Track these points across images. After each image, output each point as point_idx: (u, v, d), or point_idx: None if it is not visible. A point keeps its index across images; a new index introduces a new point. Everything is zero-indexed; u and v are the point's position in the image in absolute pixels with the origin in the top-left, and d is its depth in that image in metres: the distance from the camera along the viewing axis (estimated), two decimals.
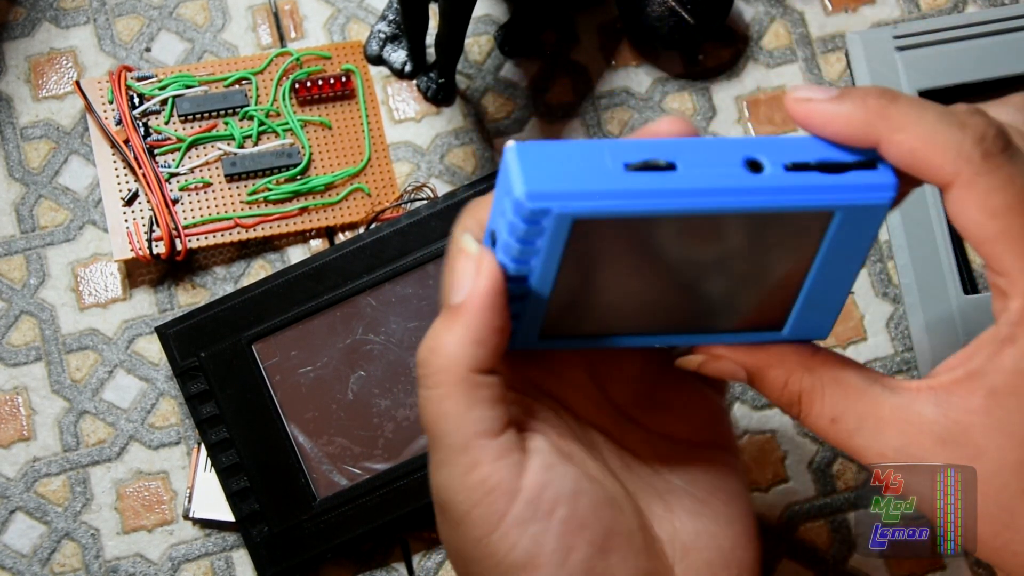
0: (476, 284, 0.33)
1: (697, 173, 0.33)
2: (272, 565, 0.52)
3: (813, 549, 0.54)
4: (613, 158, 0.33)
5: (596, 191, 0.33)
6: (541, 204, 0.32)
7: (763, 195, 0.33)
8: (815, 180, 0.33)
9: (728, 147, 0.34)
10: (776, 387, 0.36)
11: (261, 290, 0.53)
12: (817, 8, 0.60)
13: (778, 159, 0.34)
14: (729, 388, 0.44)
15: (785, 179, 0.33)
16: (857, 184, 0.34)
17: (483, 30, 0.59)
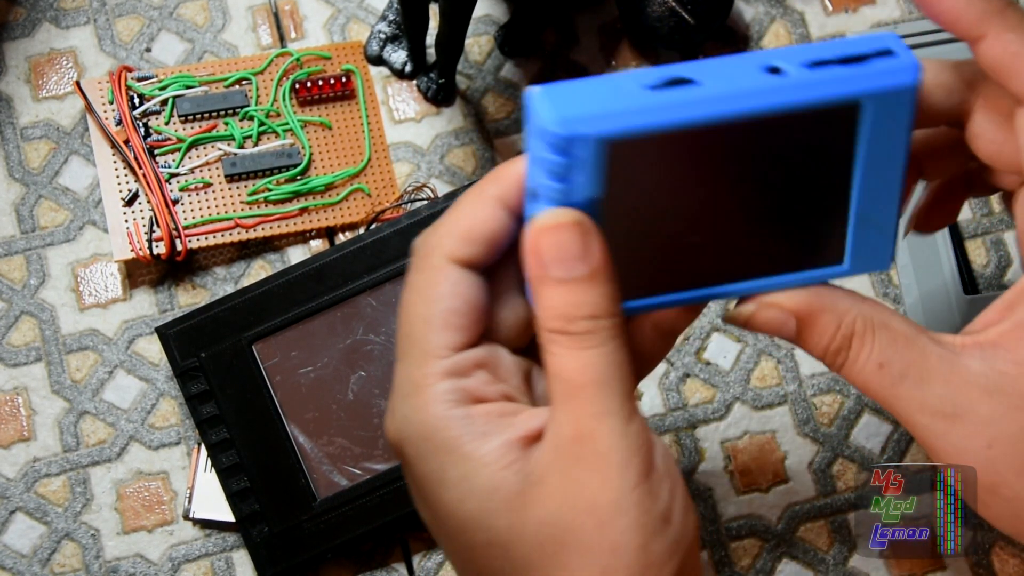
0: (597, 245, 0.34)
1: (719, 83, 0.34)
2: (272, 565, 0.52)
3: (813, 549, 0.54)
4: (635, 83, 0.34)
5: (624, 110, 0.33)
6: (573, 130, 0.33)
7: (787, 92, 0.33)
8: (837, 73, 0.34)
9: (748, 59, 0.34)
10: (826, 333, 0.36)
11: (261, 290, 0.53)
12: (817, 8, 0.60)
13: (798, 61, 0.34)
14: None
15: (807, 75, 0.34)
16: (880, 70, 0.34)
17: (483, 30, 0.59)
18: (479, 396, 0.36)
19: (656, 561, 0.34)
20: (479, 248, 0.36)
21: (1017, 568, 0.54)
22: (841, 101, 0.34)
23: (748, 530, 0.54)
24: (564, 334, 0.35)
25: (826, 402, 0.56)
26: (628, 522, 0.34)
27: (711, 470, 0.55)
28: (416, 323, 0.36)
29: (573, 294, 0.34)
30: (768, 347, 0.56)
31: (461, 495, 0.35)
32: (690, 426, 0.55)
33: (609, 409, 0.34)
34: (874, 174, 0.35)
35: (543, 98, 0.33)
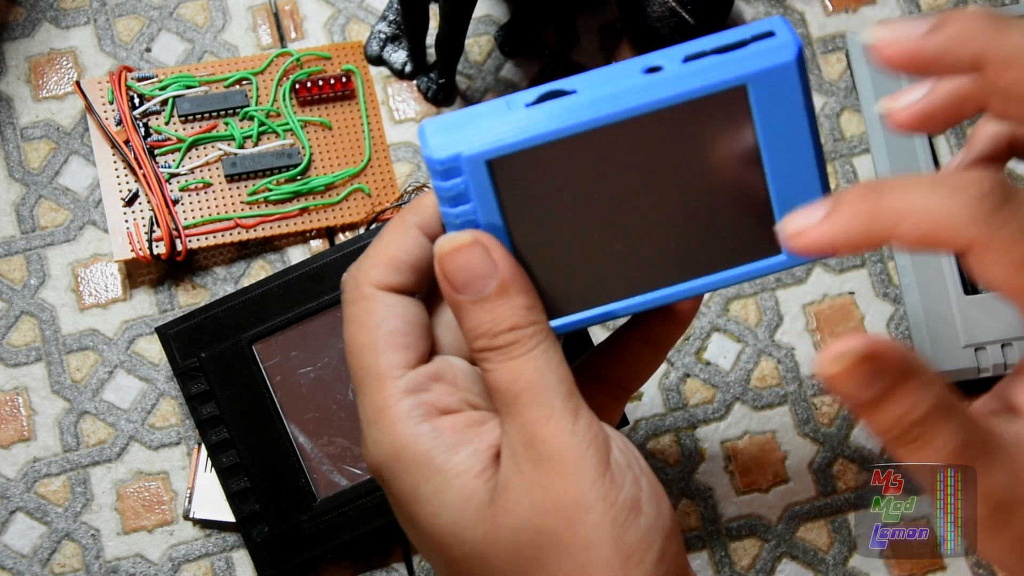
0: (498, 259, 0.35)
1: (597, 89, 0.34)
2: (272, 565, 0.52)
3: (813, 549, 0.54)
4: (516, 102, 0.34)
5: (500, 130, 0.34)
6: (449, 152, 0.34)
7: (663, 87, 0.33)
8: (714, 62, 0.34)
9: (627, 64, 0.34)
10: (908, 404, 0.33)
11: (261, 290, 0.54)
12: (817, 8, 0.60)
13: (676, 57, 0.34)
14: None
15: (684, 69, 0.34)
16: (756, 53, 0.34)
17: (483, 30, 0.59)
18: (443, 408, 0.36)
19: (633, 551, 0.34)
20: (405, 275, 0.37)
21: None
22: (721, 88, 0.34)
23: (748, 530, 0.54)
24: (491, 349, 0.35)
25: (826, 402, 0.56)
26: (596, 517, 0.34)
27: (711, 470, 0.55)
28: (363, 352, 0.37)
29: (489, 311, 0.35)
30: (768, 347, 0.56)
31: (435, 509, 0.36)
32: (690, 426, 0.55)
33: (551, 411, 0.34)
34: (783, 155, 0.35)
35: (427, 128, 0.35)
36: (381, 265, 0.37)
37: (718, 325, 0.56)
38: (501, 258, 0.35)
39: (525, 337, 0.35)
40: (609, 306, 0.37)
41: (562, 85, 0.34)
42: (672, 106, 0.34)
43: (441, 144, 0.34)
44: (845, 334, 0.56)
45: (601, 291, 0.37)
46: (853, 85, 0.59)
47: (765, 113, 0.34)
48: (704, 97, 0.34)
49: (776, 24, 0.34)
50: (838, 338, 0.36)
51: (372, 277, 0.37)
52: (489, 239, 0.35)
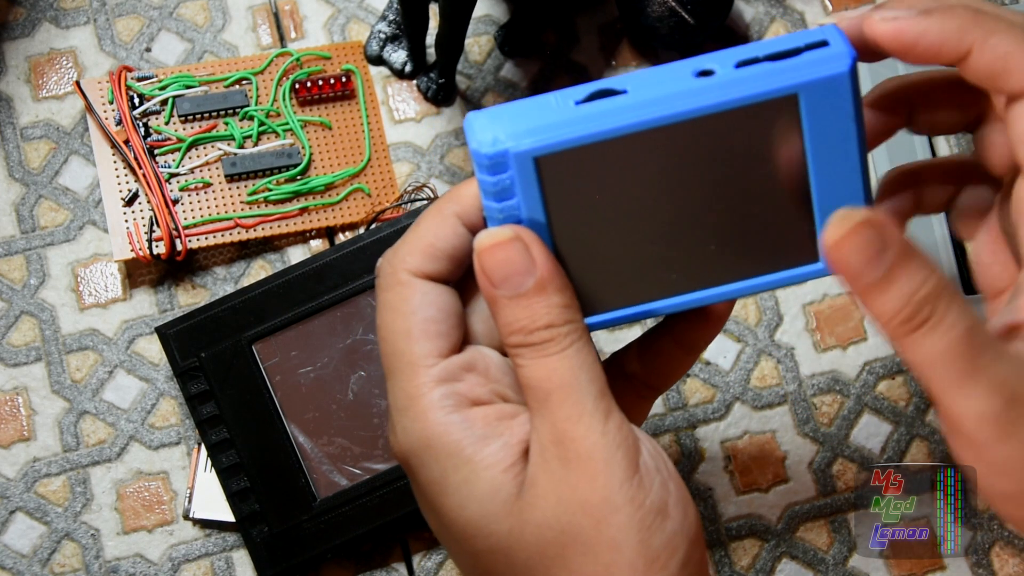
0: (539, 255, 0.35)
1: (648, 90, 0.34)
2: (272, 565, 0.52)
3: (813, 549, 0.54)
4: (564, 99, 0.34)
5: (549, 125, 0.34)
6: (498, 148, 0.34)
7: (716, 92, 0.33)
8: (767, 68, 0.33)
9: (678, 66, 0.34)
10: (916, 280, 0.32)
11: (261, 290, 0.53)
12: (817, 8, 0.60)
13: (728, 62, 0.34)
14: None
15: (736, 75, 0.33)
16: (810, 62, 0.33)
17: (483, 30, 0.59)
18: (475, 399, 0.36)
19: (658, 555, 0.34)
20: (442, 264, 0.37)
21: (1017, 568, 0.54)
22: (773, 96, 0.33)
23: (748, 530, 0.54)
24: (525, 346, 0.35)
25: (826, 402, 0.56)
26: (623, 518, 0.34)
27: (711, 470, 0.55)
28: (397, 339, 0.37)
29: (526, 308, 0.35)
30: (768, 347, 0.56)
31: (462, 500, 0.35)
32: (690, 426, 0.55)
33: (582, 410, 0.34)
34: (829, 164, 0.35)
35: (475, 121, 0.34)
36: (418, 252, 0.37)
37: None
38: (540, 255, 0.35)
39: (560, 335, 0.35)
40: (644, 306, 0.37)
41: (612, 84, 0.34)
42: (723, 112, 0.33)
43: (489, 138, 0.34)
44: (844, 333, 0.56)
45: (638, 290, 0.37)
46: None
47: (815, 122, 0.34)
48: (755, 104, 0.33)
49: (830, 33, 0.34)
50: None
51: (409, 264, 0.37)
52: (530, 235, 0.35)
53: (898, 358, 0.56)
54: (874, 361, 0.56)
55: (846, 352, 0.56)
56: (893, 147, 0.57)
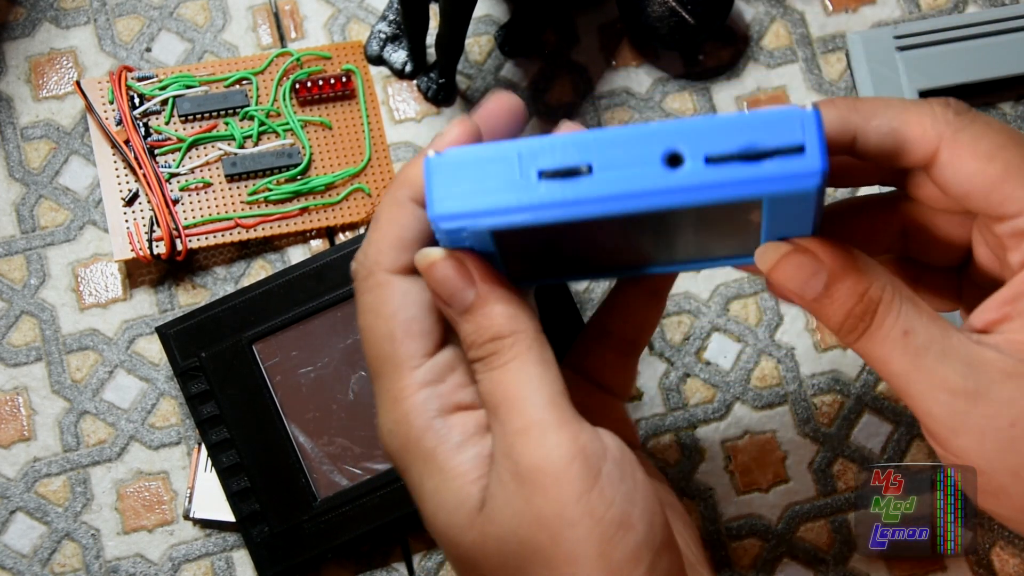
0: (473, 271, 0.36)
1: (614, 176, 0.32)
2: (272, 565, 0.52)
3: (813, 549, 0.54)
4: (526, 165, 0.33)
5: (508, 206, 0.33)
6: (455, 224, 0.34)
7: (683, 193, 0.32)
8: (736, 172, 0.32)
9: (647, 139, 0.33)
10: (854, 295, 0.35)
11: (261, 290, 0.53)
12: (817, 8, 0.60)
13: (699, 149, 0.32)
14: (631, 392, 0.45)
15: (705, 174, 0.32)
16: (780, 174, 0.32)
17: (483, 30, 0.59)
18: (458, 403, 0.36)
19: (620, 568, 0.33)
20: (413, 252, 0.36)
21: (1017, 568, 0.54)
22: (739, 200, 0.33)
23: (748, 530, 0.54)
24: (478, 360, 0.35)
25: (826, 402, 0.56)
26: (581, 532, 0.33)
27: (711, 470, 0.55)
28: (381, 342, 0.37)
29: (471, 322, 0.35)
30: (768, 347, 0.56)
31: (435, 507, 0.36)
32: (690, 426, 0.55)
33: (529, 423, 0.34)
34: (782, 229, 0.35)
35: (431, 176, 0.33)
36: (387, 248, 0.36)
37: (718, 325, 0.56)
38: (477, 269, 0.35)
39: (506, 347, 0.34)
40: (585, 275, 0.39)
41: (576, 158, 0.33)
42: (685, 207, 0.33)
43: (447, 208, 0.33)
44: None
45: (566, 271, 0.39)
46: (853, 85, 0.59)
47: (774, 215, 0.34)
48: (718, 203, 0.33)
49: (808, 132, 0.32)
50: None
51: (382, 262, 0.36)
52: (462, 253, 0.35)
53: None
54: None
55: (846, 352, 0.56)
56: None
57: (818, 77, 0.59)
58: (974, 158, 0.34)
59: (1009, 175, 0.34)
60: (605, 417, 0.41)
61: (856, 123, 0.35)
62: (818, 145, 0.32)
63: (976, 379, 0.34)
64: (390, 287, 0.36)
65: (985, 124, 0.34)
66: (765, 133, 0.32)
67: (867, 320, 0.35)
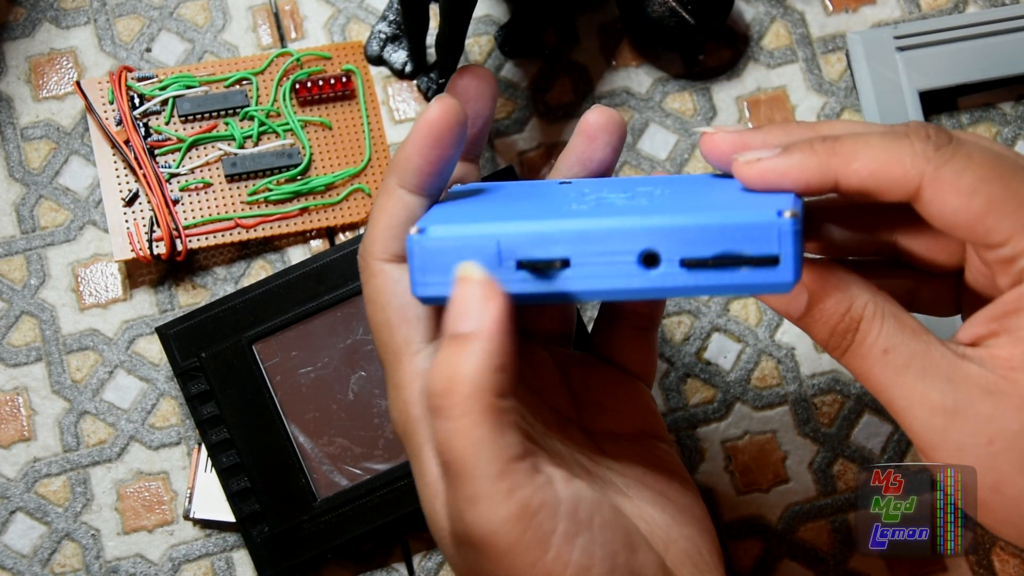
0: (489, 310, 0.33)
1: (590, 272, 0.34)
2: (272, 565, 0.52)
3: (813, 549, 0.54)
4: (506, 255, 0.34)
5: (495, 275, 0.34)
6: (434, 297, 0.35)
7: (656, 292, 0.34)
8: (710, 276, 0.33)
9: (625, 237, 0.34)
10: (836, 313, 0.35)
11: (261, 290, 0.53)
12: (817, 8, 0.60)
13: (675, 252, 0.33)
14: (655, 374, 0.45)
15: (679, 276, 0.33)
16: (753, 281, 0.33)
17: (483, 30, 0.59)
18: None
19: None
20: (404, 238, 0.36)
21: (1017, 568, 0.54)
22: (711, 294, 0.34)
23: (748, 530, 0.54)
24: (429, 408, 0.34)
25: (826, 402, 0.56)
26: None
27: (711, 470, 0.55)
28: (381, 331, 0.37)
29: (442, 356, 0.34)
30: (768, 347, 0.56)
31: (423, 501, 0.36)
32: (690, 426, 0.55)
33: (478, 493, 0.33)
34: None
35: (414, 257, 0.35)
36: (379, 237, 0.37)
37: (718, 325, 0.56)
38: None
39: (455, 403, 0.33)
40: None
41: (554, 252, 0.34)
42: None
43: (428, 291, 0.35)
44: None
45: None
46: (853, 85, 0.59)
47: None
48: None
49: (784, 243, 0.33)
50: None
51: (375, 252, 0.37)
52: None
53: None
54: None
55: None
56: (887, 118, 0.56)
57: (818, 77, 0.59)
58: (956, 194, 0.34)
59: (992, 208, 0.34)
60: (630, 405, 0.41)
61: (836, 167, 0.35)
62: (792, 257, 0.33)
63: (956, 396, 0.34)
64: (383, 275, 0.37)
65: (967, 157, 0.34)
66: (742, 241, 0.33)
67: (849, 337, 0.36)
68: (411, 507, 0.52)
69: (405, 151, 0.36)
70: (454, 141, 0.37)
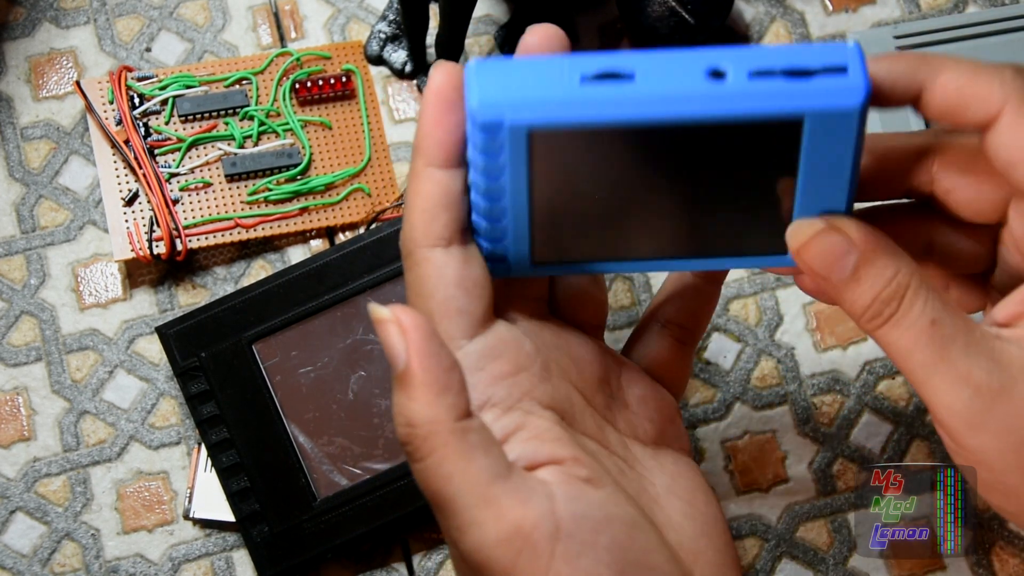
0: (408, 344, 0.32)
1: (657, 82, 0.33)
2: (272, 565, 0.52)
3: (813, 549, 0.54)
4: (571, 70, 0.33)
5: (551, 101, 0.33)
6: (494, 115, 0.33)
7: (724, 102, 0.32)
8: (780, 86, 0.32)
9: (693, 58, 0.33)
10: (882, 278, 0.34)
11: (261, 290, 0.54)
12: (817, 8, 0.60)
13: (743, 67, 0.33)
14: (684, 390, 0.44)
15: (748, 86, 0.32)
16: (824, 88, 0.32)
17: (483, 30, 0.59)
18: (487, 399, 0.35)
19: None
20: (441, 220, 0.35)
21: (1017, 568, 0.54)
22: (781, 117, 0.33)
23: (748, 530, 0.54)
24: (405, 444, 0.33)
25: (826, 402, 0.56)
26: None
27: (711, 470, 0.55)
28: None
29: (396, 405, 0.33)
30: (768, 347, 0.56)
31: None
32: (690, 426, 0.55)
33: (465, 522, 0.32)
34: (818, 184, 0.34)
35: (475, 75, 0.33)
36: (418, 222, 0.35)
37: (718, 325, 0.56)
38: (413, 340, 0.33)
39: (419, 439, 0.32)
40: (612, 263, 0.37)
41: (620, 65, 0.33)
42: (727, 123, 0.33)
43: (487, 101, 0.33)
44: (844, 333, 0.56)
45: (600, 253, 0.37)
46: None
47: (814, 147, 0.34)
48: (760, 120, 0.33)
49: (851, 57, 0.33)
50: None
51: (417, 239, 0.35)
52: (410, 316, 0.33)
53: None
54: (874, 361, 0.56)
55: (846, 352, 0.56)
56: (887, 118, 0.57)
57: None
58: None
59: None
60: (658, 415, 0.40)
61: (925, 75, 0.34)
62: (861, 68, 0.32)
63: (1000, 375, 0.33)
64: (427, 264, 0.35)
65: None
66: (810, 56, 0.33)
67: (894, 306, 0.34)
68: (411, 507, 0.52)
69: (422, 129, 0.35)
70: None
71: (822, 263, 0.34)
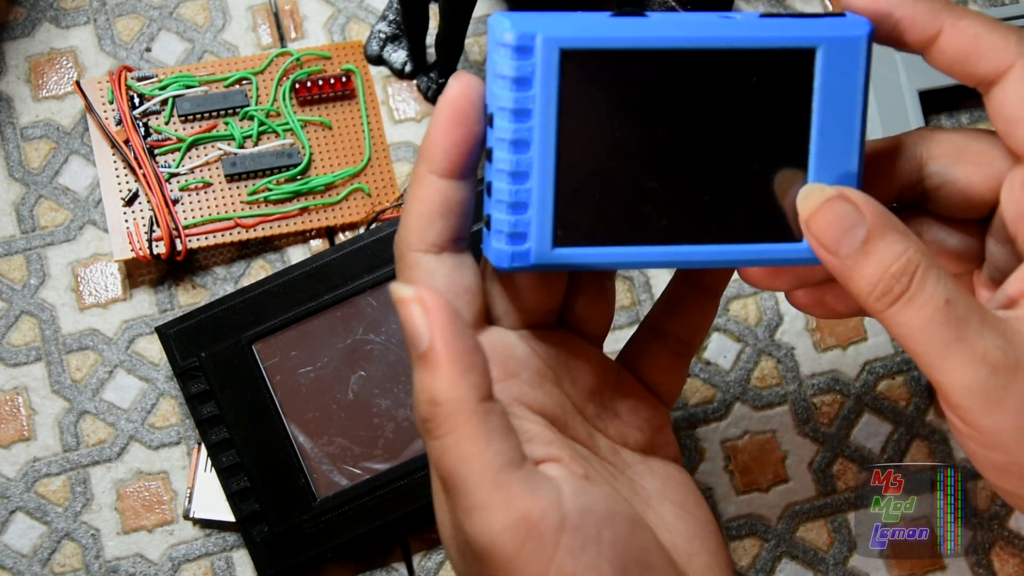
0: (434, 322, 0.32)
1: (672, 19, 0.35)
2: (272, 565, 0.52)
3: (813, 549, 0.54)
4: (595, 14, 0.35)
5: (580, 27, 0.35)
6: (528, 32, 0.34)
7: (739, 30, 0.35)
8: (789, 22, 0.35)
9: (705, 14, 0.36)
10: (893, 251, 0.33)
11: (261, 290, 0.54)
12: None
13: (751, 15, 0.36)
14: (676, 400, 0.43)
15: (759, 23, 0.35)
16: (831, 23, 0.35)
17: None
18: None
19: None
20: (437, 226, 0.35)
21: (1017, 568, 0.54)
22: (793, 45, 0.35)
23: (748, 530, 0.54)
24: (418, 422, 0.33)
25: (826, 402, 0.56)
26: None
27: (711, 470, 0.55)
28: None
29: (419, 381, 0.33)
30: (768, 347, 0.56)
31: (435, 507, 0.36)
32: (690, 426, 0.55)
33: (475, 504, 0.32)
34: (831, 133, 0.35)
35: (504, 17, 0.35)
36: (413, 227, 0.36)
37: (718, 325, 0.56)
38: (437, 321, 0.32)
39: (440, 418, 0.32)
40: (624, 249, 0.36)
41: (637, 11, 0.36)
42: (741, 50, 0.35)
43: (519, 24, 0.34)
44: (844, 333, 0.56)
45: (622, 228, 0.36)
46: None
47: (827, 83, 0.35)
48: (773, 50, 0.35)
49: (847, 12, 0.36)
50: None
51: (410, 243, 0.36)
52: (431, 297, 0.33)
53: (898, 357, 0.56)
54: (874, 361, 0.56)
55: (846, 352, 0.56)
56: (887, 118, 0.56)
57: None
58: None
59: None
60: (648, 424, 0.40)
61: (945, 18, 0.35)
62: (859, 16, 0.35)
63: (1016, 353, 0.33)
64: (418, 269, 0.36)
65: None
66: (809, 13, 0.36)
67: (904, 282, 0.33)
68: (411, 507, 0.52)
69: (430, 136, 0.35)
70: (478, 117, 0.35)
71: (832, 234, 0.34)
